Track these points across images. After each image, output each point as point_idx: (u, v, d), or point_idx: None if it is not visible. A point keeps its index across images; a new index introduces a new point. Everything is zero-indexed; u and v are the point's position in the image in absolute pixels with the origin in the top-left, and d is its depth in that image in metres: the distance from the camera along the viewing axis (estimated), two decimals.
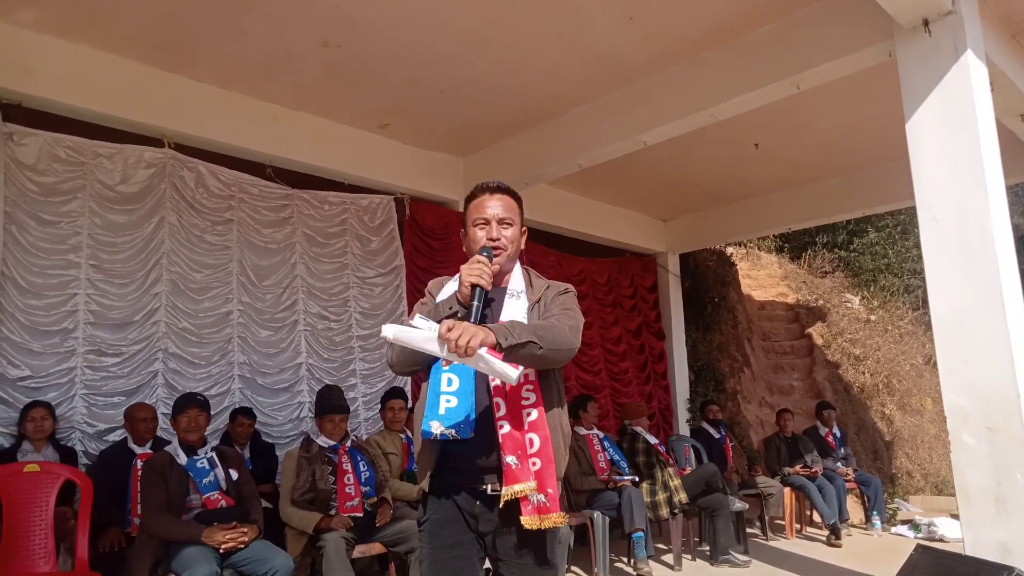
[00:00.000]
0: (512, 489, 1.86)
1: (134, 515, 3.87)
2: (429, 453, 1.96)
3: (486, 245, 2.02)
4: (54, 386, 4.26)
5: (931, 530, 6.55)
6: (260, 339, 5.23)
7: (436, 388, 1.94)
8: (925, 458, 9.93)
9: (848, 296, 12.54)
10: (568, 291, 2.13)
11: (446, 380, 1.94)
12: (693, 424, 8.13)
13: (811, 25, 4.25)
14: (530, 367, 1.89)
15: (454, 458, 1.95)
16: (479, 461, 1.93)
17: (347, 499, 3.92)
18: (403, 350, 1.89)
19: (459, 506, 1.95)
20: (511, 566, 1.94)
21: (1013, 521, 3.22)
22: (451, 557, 1.94)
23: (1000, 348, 3.32)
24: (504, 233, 2.05)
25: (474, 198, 2.12)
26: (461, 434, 1.89)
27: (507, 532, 1.93)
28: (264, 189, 5.38)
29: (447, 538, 1.95)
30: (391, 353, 1.98)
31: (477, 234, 2.06)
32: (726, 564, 5.41)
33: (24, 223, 4.28)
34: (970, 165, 3.49)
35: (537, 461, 1.88)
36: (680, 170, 6.96)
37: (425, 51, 4.60)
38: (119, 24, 4.18)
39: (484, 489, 1.93)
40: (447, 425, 1.90)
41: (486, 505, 1.94)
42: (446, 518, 1.96)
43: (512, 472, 1.87)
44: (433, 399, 1.93)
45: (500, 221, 2.06)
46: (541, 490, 1.87)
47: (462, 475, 1.95)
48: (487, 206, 2.07)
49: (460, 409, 1.91)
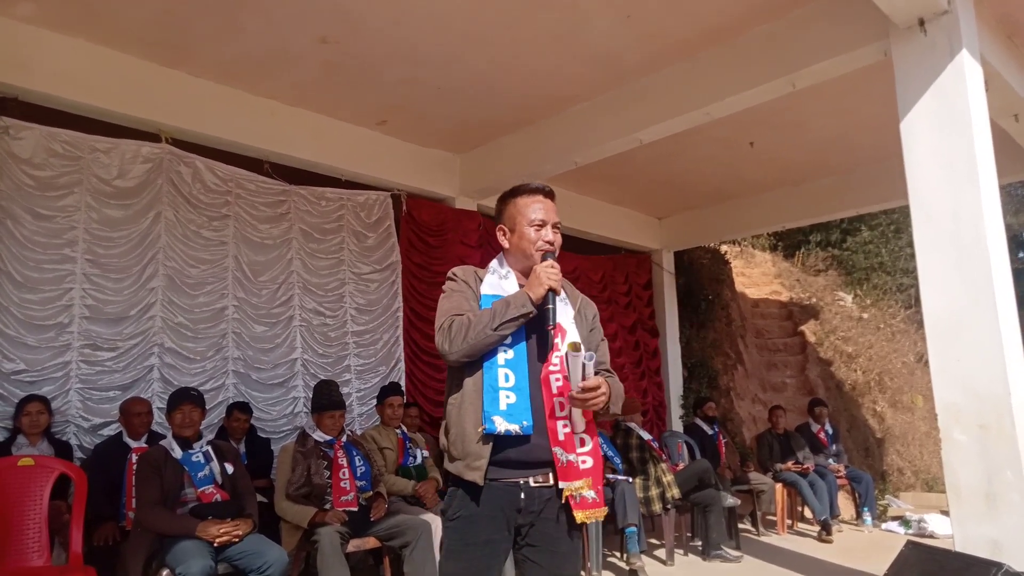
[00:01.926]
0: (572, 485, 1.94)
1: (128, 509, 3.87)
2: (484, 446, 1.95)
3: (548, 251, 2.08)
4: (49, 380, 4.26)
5: (921, 526, 6.61)
6: (255, 334, 5.23)
7: (494, 383, 1.96)
8: (916, 455, 10.00)
9: (841, 294, 12.60)
10: (597, 312, 2.27)
11: (503, 375, 1.97)
12: (686, 420, 8.17)
13: (807, 24, 4.27)
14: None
15: (508, 452, 1.96)
16: (532, 456, 1.96)
17: (342, 493, 3.94)
18: (475, 342, 1.94)
19: (500, 501, 1.96)
20: (542, 552, 1.97)
21: (1003, 518, 3.25)
22: (481, 555, 1.95)
23: (992, 346, 3.35)
24: (557, 238, 2.13)
25: (523, 196, 2.15)
26: (525, 431, 1.93)
27: (546, 521, 1.97)
28: (261, 185, 5.38)
29: (479, 535, 1.96)
30: (453, 341, 1.97)
31: (533, 235, 2.10)
32: (718, 559, 5.45)
33: (20, 217, 4.27)
34: (964, 164, 3.51)
35: (588, 459, 2.00)
36: (675, 168, 6.98)
37: (423, 49, 4.60)
38: (117, 19, 4.17)
39: (528, 480, 1.97)
40: (511, 421, 1.93)
41: (530, 497, 1.97)
42: (480, 514, 1.96)
43: (572, 469, 1.95)
44: (492, 395, 1.95)
45: (554, 225, 2.13)
46: (594, 487, 1.98)
47: (512, 471, 1.97)
48: (542, 208, 2.12)
49: (520, 405, 1.95)
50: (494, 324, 1.94)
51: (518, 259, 2.15)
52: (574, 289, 2.23)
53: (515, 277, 2.14)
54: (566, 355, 1.94)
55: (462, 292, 2.11)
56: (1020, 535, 3.20)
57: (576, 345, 1.93)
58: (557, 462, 1.95)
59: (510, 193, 2.18)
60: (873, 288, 13.27)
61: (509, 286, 2.10)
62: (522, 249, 2.12)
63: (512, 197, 2.17)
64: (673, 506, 5.42)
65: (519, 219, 2.13)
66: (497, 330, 1.94)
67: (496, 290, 2.10)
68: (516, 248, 2.14)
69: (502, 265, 2.19)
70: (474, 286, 2.13)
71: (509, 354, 1.99)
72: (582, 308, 2.18)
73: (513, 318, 1.94)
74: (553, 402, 1.98)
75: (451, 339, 1.97)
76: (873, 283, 13.44)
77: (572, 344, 1.95)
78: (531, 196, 2.14)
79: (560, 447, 1.95)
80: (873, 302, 12.73)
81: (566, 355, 1.94)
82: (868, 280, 13.54)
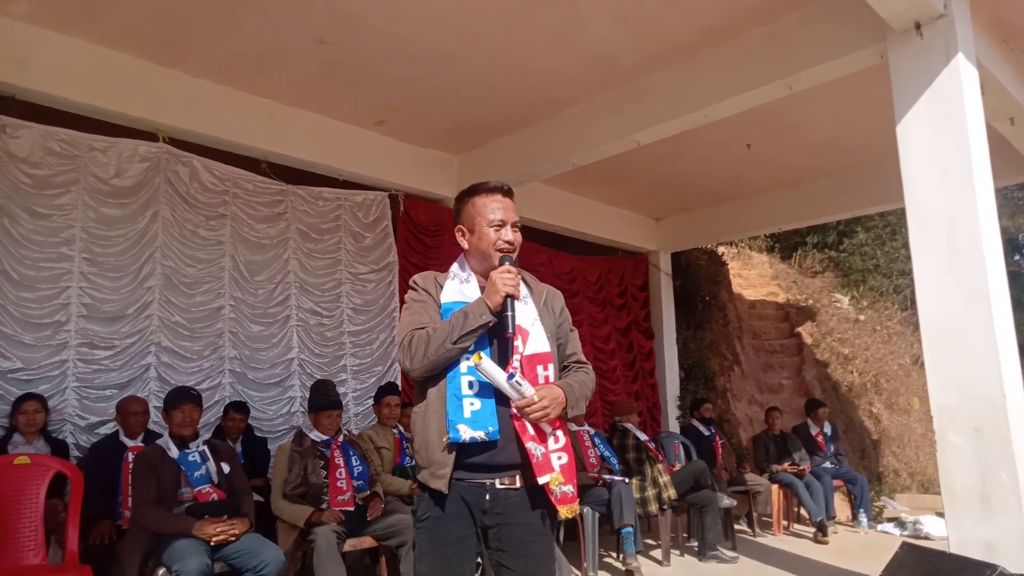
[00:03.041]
0: (552, 476, 1.92)
1: (125, 508, 3.87)
2: (447, 454, 1.95)
3: (507, 252, 2.05)
4: (46, 379, 4.26)
5: (917, 528, 6.62)
6: (252, 334, 5.23)
7: (458, 392, 1.95)
8: (912, 457, 10.03)
9: (837, 296, 12.63)
10: (564, 302, 2.24)
11: (467, 383, 1.96)
12: (683, 421, 8.18)
13: (804, 27, 4.28)
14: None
15: (475, 458, 1.95)
16: (499, 459, 1.95)
17: (338, 493, 3.93)
18: (436, 358, 1.93)
19: (467, 502, 1.96)
20: (514, 557, 1.96)
21: (998, 520, 3.27)
22: (453, 552, 1.96)
23: (987, 349, 3.36)
24: (516, 237, 2.09)
25: (481, 195, 2.10)
26: (491, 437, 1.93)
27: (514, 525, 1.96)
28: (258, 184, 5.38)
29: (450, 534, 1.96)
30: (413, 358, 1.96)
31: (492, 235, 2.06)
32: (714, 560, 5.46)
33: (17, 216, 4.27)
34: (959, 167, 3.53)
35: (563, 455, 1.98)
36: (673, 170, 7.00)
37: (421, 49, 4.61)
38: (114, 18, 4.17)
39: (494, 483, 1.96)
40: (475, 428, 1.92)
41: (495, 499, 1.96)
42: (450, 514, 1.96)
43: (540, 464, 1.93)
44: (455, 403, 1.94)
45: (513, 224, 2.08)
46: (569, 482, 1.96)
47: (480, 473, 1.97)
48: (501, 207, 2.07)
49: (485, 411, 1.94)
50: (453, 338, 1.92)
51: (478, 260, 2.11)
52: (538, 282, 2.20)
53: (476, 280, 2.11)
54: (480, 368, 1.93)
55: (423, 303, 2.08)
56: (1014, 537, 3.22)
57: (481, 357, 1.91)
58: (532, 458, 1.92)
59: (468, 192, 2.13)
60: (869, 290, 13.31)
61: (470, 291, 2.07)
62: (481, 250, 2.08)
63: (470, 196, 2.12)
64: (669, 507, 5.42)
65: (477, 219, 2.08)
66: (457, 343, 1.92)
67: (457, 296, 2.07)
68: (475, 249, 2.10)
69: (463, 268, 2.15)
70: (435, 294, 2.10)
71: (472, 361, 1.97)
72: (548, 300, 2.15)
73: (472, 330, 1.92)
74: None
75: (412, 355, 1.96)
76: (869, 285, 13.48)
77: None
78: (490, 195, 2.09)
79: (533, 442, 1.93)
80: (869, 304, 12.76)
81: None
82: (864, 282, 13.58)
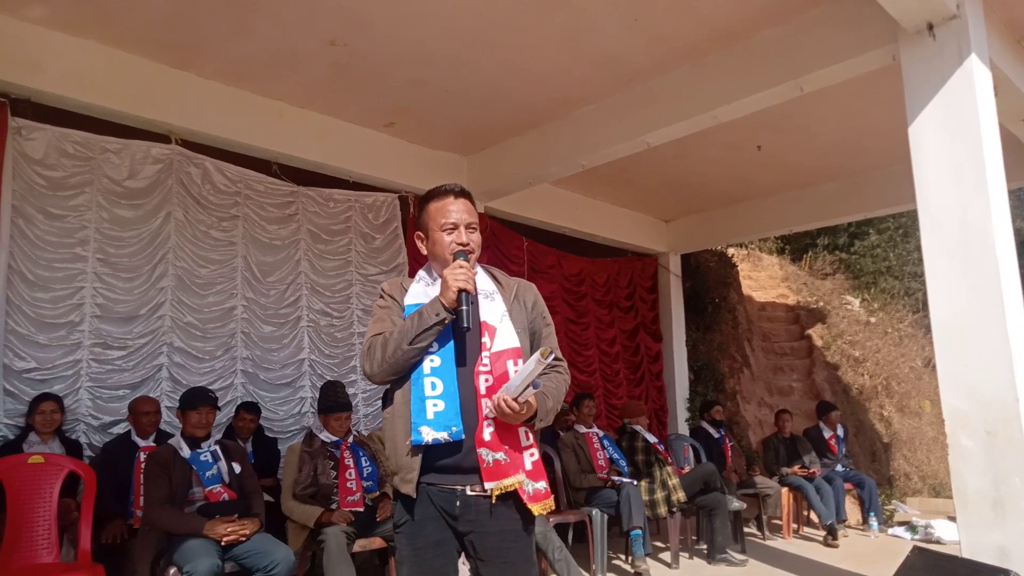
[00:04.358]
0: (502, 483, 1.89)
1: (136, 507, 3.90)
2: (413, 458, 1.93)
3: (461, 250, 2.02)
4: (60, 378, 4.29)
5: (928, 532, 6.58)
6: (263, 334, 5.26)
7: (420, 394, 1.92)
8: (923, 460, 9.95)
9: (848, 298, 12.56)
10: (538, 295, 2.19)
11: (430, 384, 1.94)
12: (692, 423, 8.16)
13: (815, 28, 4.27)
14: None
15: (441, 460, 1.93)
16: (466, 463, 1.93)
17: (348, 494, 3.95)
18: (393, 361, 1.92)
19: (437, 506, 1.95)
20: (492, 566, 1.93)
21: (1011, 525, 3.24)
22: (432, 556, 1.94)
23: (1000, 352, 3.34)
24: (472, 237, 2.06)
25: (434, 200, 2.09)
26: (454, 437, 1.90)
27: (488, 534, 1.93)
28: (270, 186, 5.41)
29: (429, 537, 1.94)
30: (373, 362, 1.95)
31: (445, 239, 2.04)
32: (723, 563, 5.44)
33: (32, 217, 4.31)
34: (972, 169, 3.50)
35: (535, 452, 1.98)
36: (682, 171, 6.98)
37: (431, 52, 4.62)
38: (127, 21, 4.20)
39: (464, 489, 1.93)
40: (438, 429, 1.89)
41: (466, 505, 1.93)
42: (426, 517, 1.95)
43: (501, 467, 1.90)
44: (419, 405, 1.92)
45: (467, 226, 2.06)
46: (540, 479, 1.96)
47: (447, 476, 1.94)
48: (452, 210, 2.06)
49: (448, 412, 1.91)
50: (409, 338, 1.90)
51: (438, 265, 2.09)
52: (508, 277, 2.17)
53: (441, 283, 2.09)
54: (517, 361, 1.91)
55: (388, 309, 2.07)
56: None
57: (546, 352, 1.84)
58: (482, 463, 1.89)
59: (423, 199, 2.13)
60: (881, 292, 13.21)
61: (435, 292, 2.02)
62: (436, 255, 2.07)
63: (425, 203, 2.11)
64: (678, 509, 5.42)
65: (431, 224, 2.07)
66: (413, 343, 1.90)
67: (420, 298, 2.04)
68: (431, 254, 2.10)
69: (430, 272, 2.13)
70: (400, 299, 2.08)
71: (436, 361, 1.95)
72: (519, 294, 2.12)
73: (427, 328, 1.90)
74: (480, 403, 1.94)
75: (371, 361, 1.95)
76: (881, 287, 13.38)
77: (543, 351, 1.85)
78: (442, 199, 2.07)
79: (485, 447, 1.90)
80: (881, 306, 12.68)
81: (517, 361, 1.91)
82: (876, 284, 13.48)
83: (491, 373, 1.95)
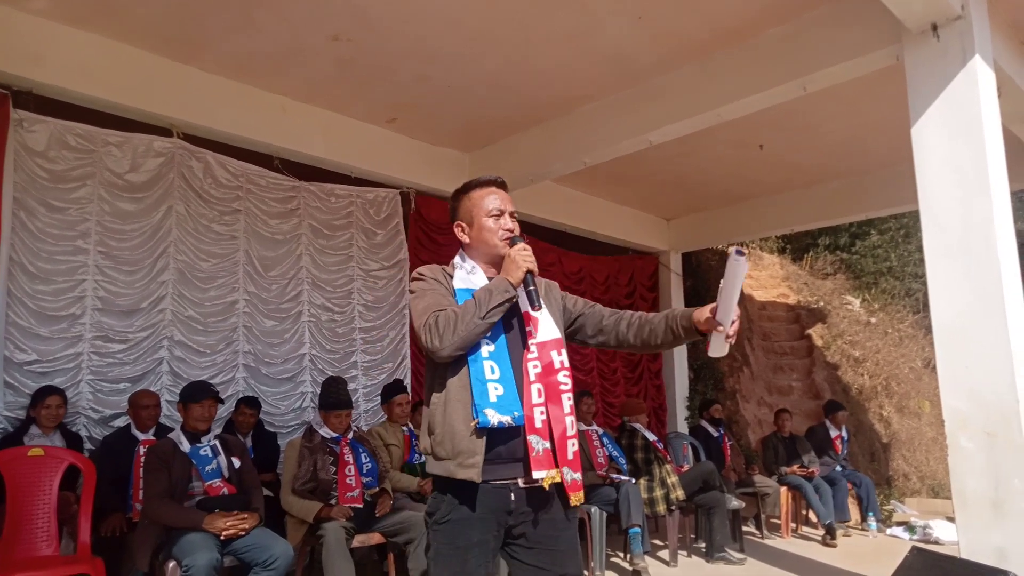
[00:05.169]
0: (550, 473, 1.90)
1: (136, 501, 3.91)
2: (478, 440, 1.90)
3: (510, 237, 2.07)
4: (61, 371, 4.30)
5: (927, 532, 6.58)
6: (265, 329, 5.26)
7: (481, 376, 1.92)
8: (922, 461, 9.95)
9: (849, 298, 12.55)
10: (558, 288, 2.29)
11: (489, 368, 1.94)
12: (692, 422, 8.16)
13: (819, 27, 4.26)
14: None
15: (499, 448, 1.92)
16: (519, 450, 1.93)
17: (348, 490, 3.95)
18: (466, 334, 1.89)
19: (492, 503, 1.92)
20: (542, 553, 1.94)
21: (1010, 526, 3.24)
22: (472, 557, 1.90)
23: (1000, 354, 3.34)
24: (515, 226, 2.12)
25: (477, 189, 2.16)
26: (516, 422, 1.91)
27: (539, 521, 1.94)
28: (271, 180, 5.41)
29: (471, 537, 1.90)
30: (443, 336, 1.90)
31: (492, 224, 2.09)
32: (721, 561, 5.45)
33: (33, 209, 4.31)
34: (975, 170, 3.50)
35: (575, 443, 1.97)
36: (685, 170, 6.97)
37: (435, 48, 4.62)
38: (130, 14, 4.20)
39: (517, 482, 1.93)
40: (503, 413, 1.90)
41: (519, 499, 1.93)
42: (470, 516, 1.90)
43: (550, 456, 1.91)
44: (480, 387, 1.91)
45: (511, 214, 2.13)
46: (577, 469, 1.96)
47: (505, 465, 1.93)
48: (496, 199, 2.13)
49: (508, 396, 1.92)
50: (481, 312, 1.90)
51: (481, 252, 2.13)
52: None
53: (482, 271, 2.11)
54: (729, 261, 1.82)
55: (436, 289, 2.07)
56: None
57: (740, 250, 1.79)
58: (532, 451, 1.89)
59: (462, 189, 2.19)
60: (881, 292, 13.20)
61: (478, 280, 2.08)
62: (483, 240, 2.11)
63: (465, 192, 2.17)
64: (677, 507, 5.42)
65: (475, 212, 2.12)
66: (485, 318, 1.91)
67: (468, 284, 2.07)
68: (477, 241, 2.13)
69: (465, 261, 2.16)
70: (445, 282, 2.10)
71: (491, 347, 1.97)
72: (546, 291, 2.17)
73: (499, 303, 1.92)
74: (531, 389, 1.94)
75: (440, 334, 1.91)
76: (881, 287, 13.37)
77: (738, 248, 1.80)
78: (485, 188, 2.15)
79: (536, 435, 1.91)
80: (881, 306, 12.67)
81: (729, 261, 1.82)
82: (876, 284, 13.47)
83: (539, 360, 1.98)
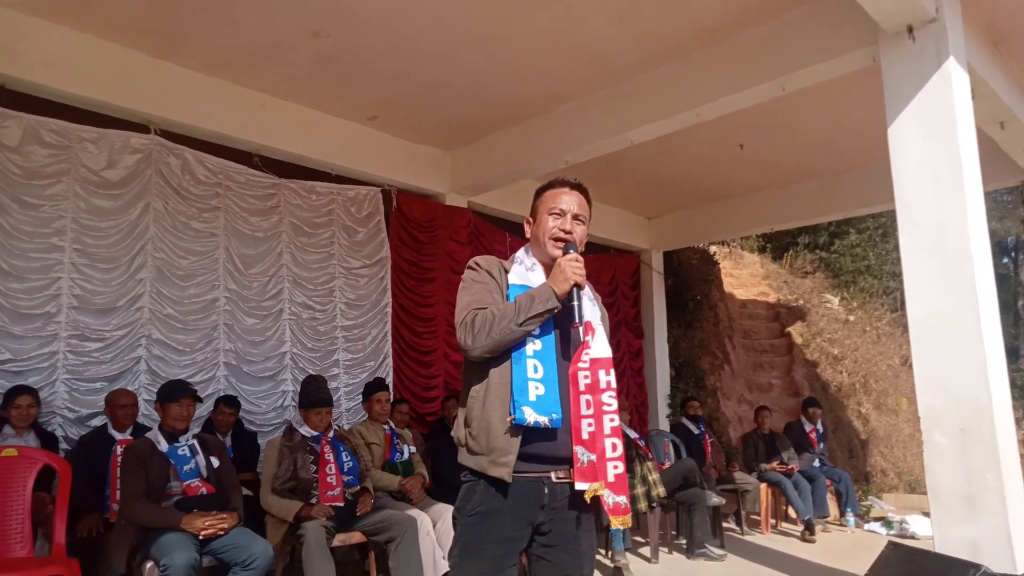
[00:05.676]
0: (592, 486, 1.88)
1: (113, 501, 3.85)
2: (512, 439, 1.89)
3: (560, 237, 2.04)
4: (35, 370, 4.24)
5: (903, 527, 6.67)
6: (246, 327, 5.22)
7: (523, 374, 1.91)
8: (899, 457, 10.09)
9: (828, 296, 12.69)
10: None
11: (532, 366, 1.92)
12: (673, 419, 8.21)
13: (798, 28, 4.30)
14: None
15: (536, 446, 1.91)
16: (559, 452, 1.92)
17: (328, 488, 3.93)
18: (499, 338, 1.89)
19: (526, 497, 1.91)
20: (563, 551, 1.95)
21: (982, 520, 3.30)
22: (502, 552, 1.90)
23: (974, 351, 3.39)
24: (576, 229, 2.07)
25: (550, 188, 2.13)
26: (554, 424, 1.89)
27: (565, 520, 1.95)
28: (251, 177, 5.36)
29: (500, 532, 1.90)
30: (476, 336, 1.90)
31: (549, 223, 2.06)
32: (702, 557, 5.49)
33: (7, 206, 4.24)
34: (949, 170, 3.56)
35: (619, 465, 1.94)
36: (666, 169, 7.01)
37: (416, 45, 4.60)
38: (107, 8, 4.14)
39: (550, 475, 1.93)
40: (540, 413, 1.88)
41: (553, 493, 1.93)
42: (500, 509, 1.90)
43: (595, 470, 1.90)
44: (521, 385, 1.89)
45: (575, 216, 2.08)
46: (621, 492, 1.92)
47: (539, 464, 1.93)
48: (564, 198, 2.09)
49: (548, 397, 1.91)
50: (519, 319, 1.88)
51: (538, 250, 2.11)
52: (591, 287, 2.18)
53: (541, 269, 2.09)
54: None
55: (484, 284, 2.05)
56: (998, 536, 3.26)
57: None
58: (576, 461, 1.89)
59: (543, 187, 2.16)
60: (860, 291, 13.38)
61: (536, 278, 2.05)
62: (537, 237, 2.09)
63: (544, 190, 2.14)
64: (658, 504, 5.45)
65: (541, 208, 2.10)
66: (522, 326, 1.89)
67: (524, 280, 2.05)
68: (535, 237, 2.11)
69: (528, 255, 2.14)
70: (498, 277, 2.08)
71: (537, 345, 1.95)
72: (599, 307, 2.16)
73: (538, 313, 1.89)
74: (580, 400, 1.93)
75: (474, 334, 1.91)
76: (860, 286, 13.55)
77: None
78: (557, 188, 2.11)
79: (583, 446, 1.90)
80: (859, 305, 12.83)
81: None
82: (855, 283, 13.65)
83: (589, 370, 1.95)
